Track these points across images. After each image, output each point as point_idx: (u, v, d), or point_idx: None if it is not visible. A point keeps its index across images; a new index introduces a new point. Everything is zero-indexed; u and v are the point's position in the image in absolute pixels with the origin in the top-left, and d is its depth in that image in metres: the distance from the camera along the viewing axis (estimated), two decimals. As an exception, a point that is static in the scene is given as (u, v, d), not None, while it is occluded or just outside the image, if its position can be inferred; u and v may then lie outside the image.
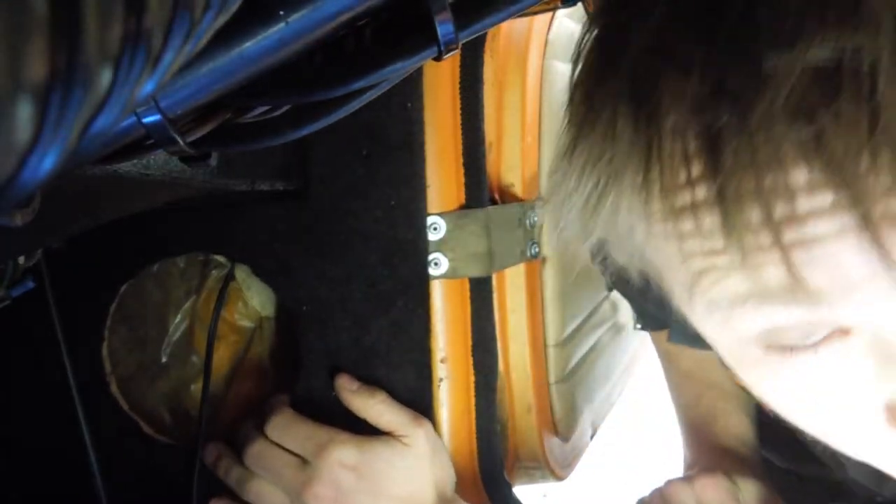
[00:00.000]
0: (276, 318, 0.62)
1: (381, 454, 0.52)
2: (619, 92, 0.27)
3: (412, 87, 0.53)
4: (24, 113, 0.11)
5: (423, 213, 0.54)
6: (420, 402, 0.55)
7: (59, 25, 0.11)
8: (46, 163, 0.11)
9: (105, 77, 0.13)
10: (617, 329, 0.90)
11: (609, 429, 0.93)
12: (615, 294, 0.88)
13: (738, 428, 0.65)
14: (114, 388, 0.62)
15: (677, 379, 0.72)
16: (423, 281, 0.54)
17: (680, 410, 0.71)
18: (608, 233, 0.31)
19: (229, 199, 0.57)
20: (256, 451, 0.54)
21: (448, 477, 0.55)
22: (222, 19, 0.17)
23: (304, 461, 0.53)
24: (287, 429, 0.54)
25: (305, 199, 0.55)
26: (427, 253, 0.55)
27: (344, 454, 0.52)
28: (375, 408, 0.54)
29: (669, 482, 0.59)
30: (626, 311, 0.88)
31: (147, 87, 0.15)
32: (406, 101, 0.53)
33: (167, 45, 0.15)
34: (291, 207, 0.55)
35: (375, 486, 0.51)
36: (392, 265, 0.54)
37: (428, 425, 0.54)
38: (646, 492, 0.62)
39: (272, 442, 0.54)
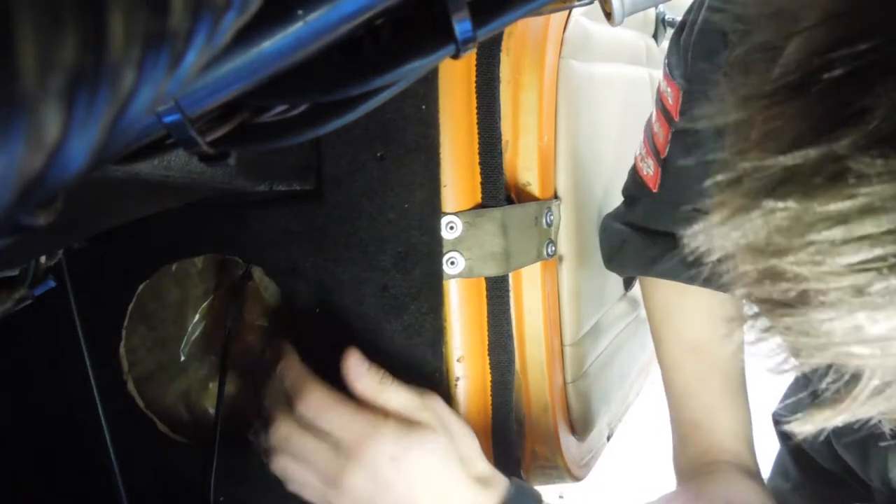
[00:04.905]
0: (288, 319, 0.63)
1: (418, 446, 0.50)
2: None
3: (427, 88, 0.53)
4: (53, 112, 0.11)
5: (438, 217, 0.54)
6: None
7: (85, 27, 0.11)
8: (74, 160, 0.12)
9: (130, 77, 0.13)
10: (633, 329, 0.90)
11: (626, 429, 0.93)
12: (634, 292, 0.88)
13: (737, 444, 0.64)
14: (130, 387, 0.63)
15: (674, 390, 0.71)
16: (437, 284, 0.54)
17: (675, 424, 0.70)
18: None
19: (245, 199, 0.57)
20: (284, 433, 0.51)
21: (471, 448, 0.53)
22: (243, 19, 0.17)
23: (338, 447, 0.50)
24: (323, 411, 0.50)
25: (318, 201, 0.55)
26: (440, 256, 0.55)
27: (387, 446, 0.49)
28: (383, 395, 0.51)
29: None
30: (643, 310, 0.88)
31: (170, 86, 0.15)
32: (420, 104, 0.53)
33: (190, 46, 0.15)
34: (305, 208, 0.55)
35: (412, 481, 0.49)
36: (404, 269, 0.54)
37: (436, 400, 0.52)
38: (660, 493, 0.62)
39: (301, 424, 0.51)
